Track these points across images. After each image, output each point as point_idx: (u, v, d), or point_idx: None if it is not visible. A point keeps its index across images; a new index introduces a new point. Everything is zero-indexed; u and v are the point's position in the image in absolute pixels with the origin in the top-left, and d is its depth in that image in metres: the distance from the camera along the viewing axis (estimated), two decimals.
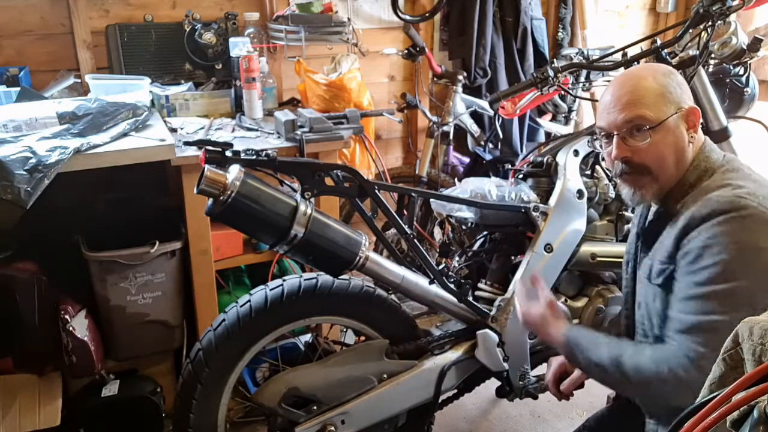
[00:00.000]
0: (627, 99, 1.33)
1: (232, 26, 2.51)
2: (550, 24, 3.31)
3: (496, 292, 1.90)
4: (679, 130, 1.32)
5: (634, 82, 1.35)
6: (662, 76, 1.35)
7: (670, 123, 1.31)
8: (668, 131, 1.31)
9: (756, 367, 0.72)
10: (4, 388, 1.97)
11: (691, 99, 1.36)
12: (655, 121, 1.30)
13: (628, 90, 1.34)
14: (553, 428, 2.33)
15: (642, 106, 1.31)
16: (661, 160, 1.33)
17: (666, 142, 1.32)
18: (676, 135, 1.32)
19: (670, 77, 1.35)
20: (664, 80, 1.34)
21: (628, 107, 1.32)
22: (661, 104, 1.31)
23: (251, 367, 2.15)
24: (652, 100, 1.31)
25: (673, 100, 1.32)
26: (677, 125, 1.32)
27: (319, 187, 1.57)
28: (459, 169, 3.04)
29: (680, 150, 1.33)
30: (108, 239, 2.01)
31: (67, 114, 1.97)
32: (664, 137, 1.31)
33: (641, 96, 1.32)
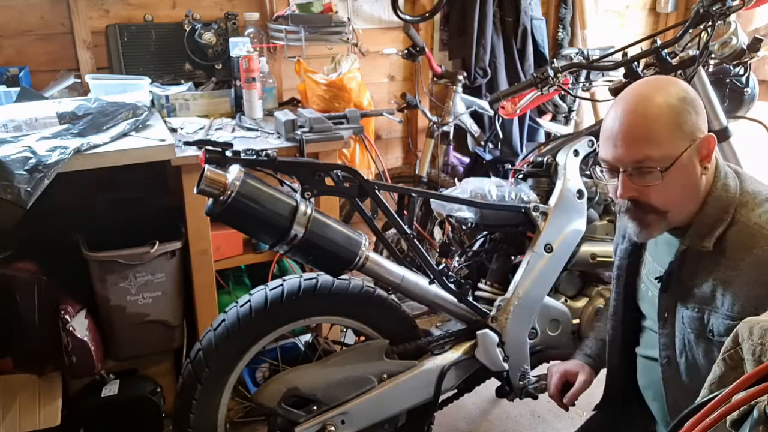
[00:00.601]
0: (635, 134, 1.18)
1: (232, 26, 2.51)
2: (550, 24, 3.31)
3: (496, 292, 1.90)
4: (692, 164, 1.19)
5: (644, 110, 1.18)
6: (677, 99, 1.18)
7: (683, 160, 1.17)
8: (681, 168, 1.18)
9: (756, 367, 0.72)
10: (4, 388, 1.97)
11: (705, 123, 1.22)
12: (667, 162, 1.16)
13: (638, 123, 1.18)
14: (553, 428, 2.33)
15: (652, 144, 1.16)
16: (670, 201, 1.21)
17: (677, 183, 1.19)
18: (688, 171, 1.19)
19: (685, 101, 1.19)
20: (678, 105, 1.18)
21: (636, 145, 1.18)
22: (675, 139, 1.17)
23: (251, 367, 2.15)
24: (664, 136, 1.16)
25: (686, 132, 1.18)
26: (690, 160, 1.19)
27: (319, 187, 1.57)
28: (459, 169, 3.04)
29: (693, 186, 1.21)
30: (108, 239, 2.01)
31: (67, 114, 1.97)
32: (675, 177, 1.18)
33: (652, 131, 1.17)
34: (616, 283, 1.52)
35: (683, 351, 1.29)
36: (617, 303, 1.52)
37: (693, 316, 1.25)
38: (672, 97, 1.19)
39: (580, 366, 1.66)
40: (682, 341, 1.29)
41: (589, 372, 1.64)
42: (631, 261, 1.47)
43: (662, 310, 1.33)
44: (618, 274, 1.51)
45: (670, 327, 1.32)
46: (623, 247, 1.49)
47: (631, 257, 1.48)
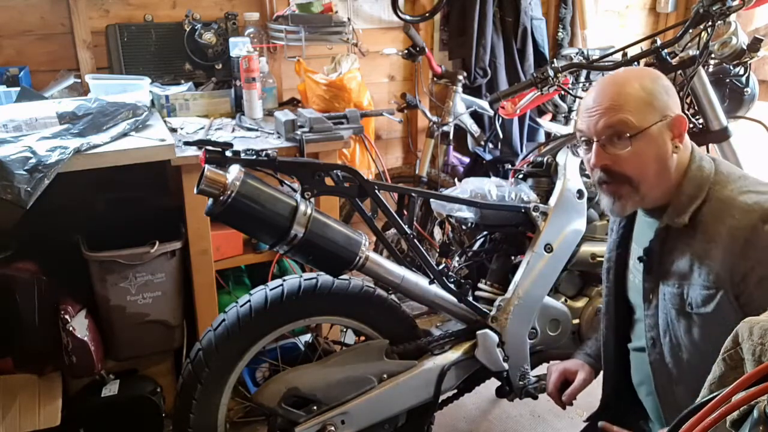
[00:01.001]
0: (609, 104, 1.26)
1: (232, 26, 2.51)
2: (550, 24, 3.31)
3: (496, 292, 1.90)
4: (662, 139, 1.26)
5: (617, 86, 1.28)
6: (649, 81, 1.28)
7: (653, 131, 1.25)
8: (651, 140, 1.25)
9: (756, 367, 0.72)
10: (4, 388, 1.97)
11: (678, 106, 1.30)
12: (637, 128, 1.24)
13: (611, 94, 1.27)
14: (553, 428, 2.33)
15: (624, 111, 1.24)
16: (641, 170, 1.27)
17: (648, 152, 1.26)
18: (658, 144, 1.26)
19: (656, 83, 1.29)
20: (651, 86, 1.27)
21: (609, 112, 1.26)
22: (645, 111, 1.25)
23: (251, 367, 2.15)
24: (635, 106, 1.25)
25: (658, 108, 1.26)
26: (661, 134, 1.26)
27: (319, 187, 1.57)
28: (459, 169, 3.04)
29: (663, 160, 1.27)
30: (108, 239, 2.01)
31: (67, 114, 1.97)
32: (646, 146, 1.25)
33: (624, 101, 1.25)
34: (606, 277, 1.53)
35: (666, 330, 1.33)
36: (609, 299, 1.54)
37: (674, 293, 1.30)
38: (644, 78, 1.29)
39: (580, 365, 1.66)
40: (665, 321, 1.33)
41: (588, 371, 1.64)
42: (620, 253, 1.49)
43: (647, 291, 1.37)
44: (608, 267, 1.53)
45: (654, 308, 1.36)
46: (611, 240, 1.52)
47: (620, 249, 1.49)
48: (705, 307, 1.24)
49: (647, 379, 1.43)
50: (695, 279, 1.25)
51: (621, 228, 1.49)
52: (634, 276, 1.45)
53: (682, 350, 1.30)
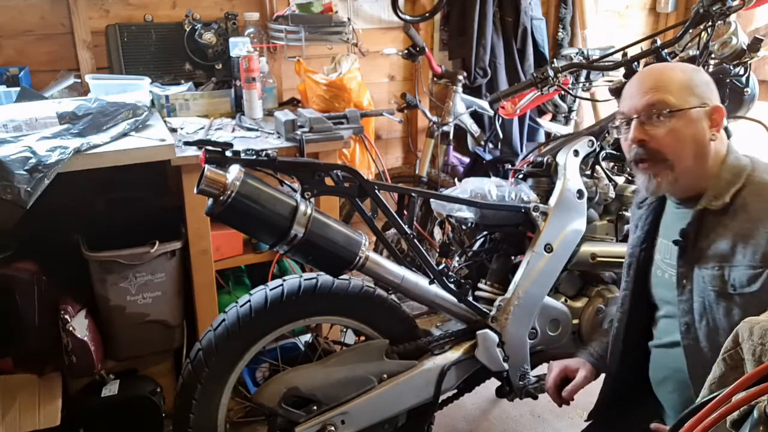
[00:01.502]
0: (651, 84, 1.33)
1: (232, 26, 2.51)
2: (550, 24, 3.31)
3: (496, 292, 1.90)
4: (700, 124, 1.31)
5: (661, 70, 1.37)
6: (691, 70, 1.36)
7: (692, 114, 1.30)
8: (689, 121, 1.30)
9: (756, 367, 0.72)
10: (4, 388, 1.97)
11: (718, 100, 1.35)
12: (676, 107, 1.29)
13: (654, 77, 1.34)
14: (553, 428, 2.33)
15: (665, 91, 1.30)
16: (678, 149, 1.30)
17: (685, 132, 1.30)
18: (696, 127, 1.30)
19: (698, 73, 1.36)
20: (692, 74, 1.34)
21: (651, 91, 1.31)
22: (686, 94, 1.30)
23: (251, 367, 2.15)
24: (677, 88, 1.31)
25: (698, 94, 1.31)
26: (699, 119, 1.30)
27: (319, 187, 1.57)
28: (459, 169, 3.04)
29: (700, 143, 1.31)
30: (108, 239, 2.01)
31: (67, 114, 1.97)
32: (684, 126, 1.30)
33: (666, 83, 1.31)
34: (627, 272, 1.53)
35: (703, 315, 1.32)
36: (626, 293, 1.53)
37: (713, 275, 1.30)
38: (687, 68, 1.38)
39: (581, 363, 1.65)
40: (702, 304, 1.32)
41: (590, 369, 1.64)
42: (644, 248, 1.48)
43: (680, 277, 1.36)
44: (629, 263, 1.52)
45: (688, 293, 1.35)
46: (635, 236, 1.51)
47: (644, 244, 1.48)
48: (750, 287, 1.24)
49: (673, 373, 1.41)
50: (738, 260, 1.26)
51: (647, 224, 1.49)
52: (662, 271, 1.44)
53: (720, 333, 1.29)
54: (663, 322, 1.46)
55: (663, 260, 1.44)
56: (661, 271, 1.45)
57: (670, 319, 1.43)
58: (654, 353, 1.50)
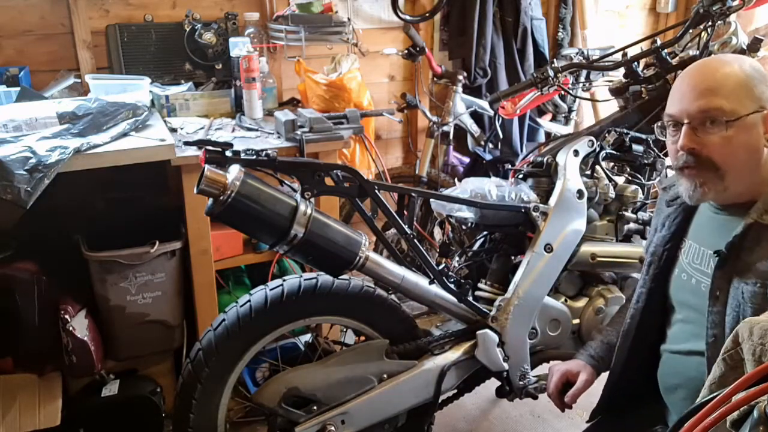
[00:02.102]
0: (706, 86, 1.21)
1: (232, 26, 2.51)
2: (550, 24, 3.31)
3: (496, 292, 1.90)
4: (756, 130, 1.20)
5: (717, 66, 1.22)
6: (750, 67, 1.22)
7: (748, 120, 1.19)
8: (745, 129, 1.19)
9: (756, 367, 0.72)
10: (4, 388, 1.97)
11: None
12: (733, 115, 1.18)
13: (709, 76, 1.21)
14: (553, 428, 2.33)
15: (721, 95, 1.19)
16: (731, 158, 1.21)
17: (740, 140, 1.20)
18: (752, 135, 1.20)
19: (758, 70, 1.22)
20: (752, 72, 1.21)
21: (705, 95, 1.20)
22: (744, 97, 1.19)
23: (251, 367, 2.15)
24: (733, 91, 1.19)
25: (756, 97, 1.20)
26: (755, 125, 1.20)
27: (319, 187, 1.57)
28: (459, 169, 3.04)
29: (754, 151, 1.21)
30: (108, 239, 2.01)
31: (67, 114, 1.97)
32: (738, 134, 1.19)
33: (722, 84, 1.20)
34: (646, 270, 1.47)
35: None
36: (642, 291, 1.47)
37: (755, 291, 1.22)
38: (745, 63, 1.22)
39: (582, 366, 1.65)
40: (735, 319, 1.25)
41: (590, 372, 1.63)
42: (668, 248, 1.42)
43: (715, 288, 1.29)
44: (650, 262, 1.46)
45: (721, 306, 1.28)
46: (660, 235, 1.45)
47: (669, 244, 1.43)
48: None
49: (688, 382, 1.36)
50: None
51: (674, 224, 1.42)
52: (688, 275, 1.38)
53: None
54: (679, 327, 1.42)
55: (691, 264, 1.38)
56: (686, 274, 1.39)
57: (688, 324, 1.38)
58: (667, 358, 1.45)
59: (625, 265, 1.94)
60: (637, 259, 1.88)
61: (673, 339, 1.44)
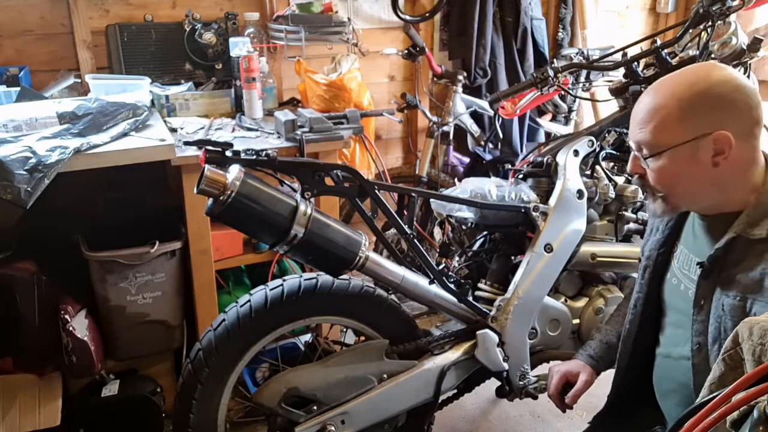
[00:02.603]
0: (641, 116, 1.25)
1: (232, 26, 2.51)
2: (550, 24, 3.31)
3: (496, 292, 1.90)
4: (693, 157, 1.20)
5: (656, 97, 1.24)
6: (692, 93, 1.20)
7: (677, 151, 1.21)
8: (673, 159, 1.22)
9: (756, 367, 0.72)
10: (4, 388, 1.97)
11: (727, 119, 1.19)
12: (654, 150, 1.23)
13: (648, 106, 1.24)
14: (553, 428, 2.33)
15: (651, 129, 1.23)
16: (668, 185, 1.25)
17: (673, 169, 1.22)
18: (686, 162, 1.21)
19: (705, 96, 1.19)
20: (695, 99, 1.19)
21: (640, 125, 1.25)
22: (677, 128, 1.20)
23: (251, 367, 2.15)
24: (665, 123, 1.21)
25: (693, 126, 1.19)
26: (692, 153, 1.20)
27: (319, 187, 1.57)
28: (459, 169, 3.04)
29: (695, 178, 1.22)
30: (108, 239, 2.01)
31: (67, 114, 1.97)
32: (671, 163, 1.22)
33: (652, 117, 1.23)
34: (642, 275, 1.49)
35: (717, 339, 1.27)
36: (640, 296, 1.49)
37: (734, 304, 1.23)
38: (695, 88, 1.20)
39: (581, 366, 1.65)
40: (717, 329, 1.26)
41: (590, 372, 1.63)
42: (662, 253, 1.44)
43: (699, 297, 1.31)
44: (645, 266, 1.48)
45: (704, 315, 1.29)
46: (655, 239, 1.46)
47: (662, 248, 1.44)
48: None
49: (680, 387, 1.38)
50: (765, 295, 1.18)
51: (667, 228, 1.44)
52: (678, 280, 1.39)
53: None
54: (671, 331, 1.43)
55: (681, 269, 1.39)
56: (676, 279, 1.40)
57: (679, 329, 1.39)
58: (660, 362, 1.47)
59: (625, 265, 1.94)
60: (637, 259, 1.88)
61: (666, 343, 1.45)
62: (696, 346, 1.32)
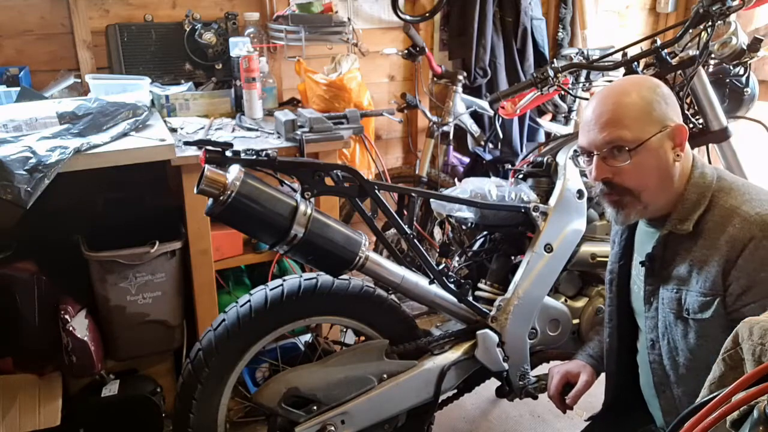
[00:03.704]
0: (607, 118, 1.27)
1: (232, 26, 2.51)
2: (550, 24, 3.31)
3: (496, 292, 1.90)
4: (663, 149, 1.26)
5: (616, 98, 1.28)
6: (647, 91, 1.28)
7: (652, 143, 1.25)
8: (650, 152, 1.26)
9: (756, 367, 0.72)
10: (4, 388, 1.97)
11: (679, 115, 1.30)
12: (635, 142, 1.25)
13: (609, 108, 1.28)
14: (553, 428, 2.33)
15: (622, 126, 1.25)
16: (642, 182, 1.28)
17: (647, 163, 1.26)
18: (659, 155, 1.26)
19: (655, 92, 1.28)
20: (650, 96, 1.27)
21: (607, 127, 1.26)
22: (644, 123, 1.25)
23: (251, 367, 2.15)
24: (633, 120, 1.25)
25: (656, 119, 1.26)
26: (661, 144, 1.26)
27: (319, 187, 1.57)
28: (459, 169, 3.04)
29: (664, 170, 1.28)
30: (108, 239, 2.01)
31: (67, 114, 1.97)
32: (645, 158, 1.26)
33: (622, 115, 1.26)
34: (610, 288, 1.55)
35: (665, 333, 1.34)
36: (612, 309, 1.55)
37: (672, 297, 1.31)
38: (643, 88, 1.29)
39: (581, 366, 1.66)
40: (663, 324, 1.34)
41: (590, 372, 1.64)
42: (622, 264, 1.50)
43: (647, 294, 1.38)
44: (611, 279, 1.54)
45: (654, 311, 1.37)
46: (614, 252, 1.53)
47: (622, 260, 1.50)
48: (702, 314, 1.25)
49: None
50: (693, 285, 1.26)
51: (623, 240, 1.50)
52: (638, 287, 1.44)
53: (679, 354, 1.31)
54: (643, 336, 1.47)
55: (638, 276, 1.44)
56: (637, 287, 1.45)
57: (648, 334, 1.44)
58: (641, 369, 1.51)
59: None
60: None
61: (642, 350, 1.49)
62: (650, 343, 1.38)
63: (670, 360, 1.33)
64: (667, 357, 1.34)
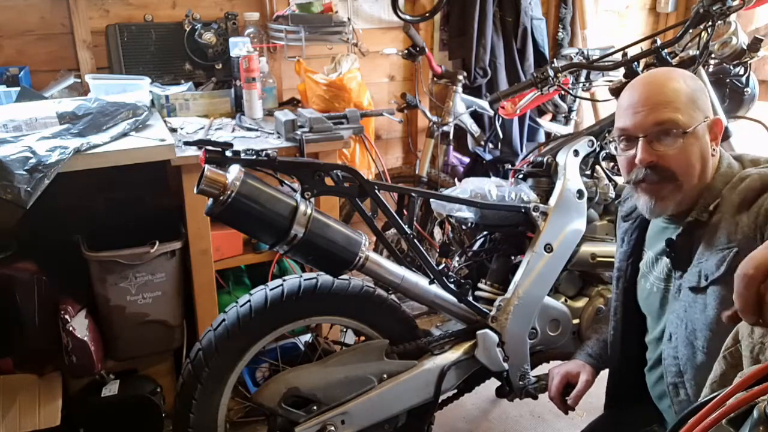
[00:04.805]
0: (658, 99, 1.24)
1: (232, 26, 2.51)
2: (550, 24, 3.31)
3: (496, 292, 1.90)
4: (704, 138, 1.25)
5: (665, 82, 1.26)
6: (691, 80, 1.28)
7: (699, 130, 1.24)
8: (697, 139, 1.24)
9: (753, 364, 0.72)
10: (4, 388, 1.97)
11: (711, 110, 1.30)
12: (687, 126, 1.23)
13: (660, 90, 1.25)
14: (553, 428, 2.33)
15: (674, 109, 1.23)
16: (688, 167, 1.25)
17: (694, 149, 1.24)
18: (702, 143, 1.25)
19: (698, 83, 1.28)
20: (694, 85, 1.27)
21: (659, 108, 1.23)
22: (692, 110, 1.24)
23: (251, 367, 2.15)
24: (684, 104, 1.23)
25: (701, 108, 1.26)
26: (704, 134, 1.25)
27: (319, 187, 1.57)
28: (459, 169, 3.04)
29: (705, 160, 1.26)
30: (108, 239, 2.01)
31: (67, 114, 1.97)
32: (692, 144, 1.24)
33: (673, 98, 1.24)
34: (616, 285, 1.54)
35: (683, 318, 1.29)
36: (617, 304, 1.54)
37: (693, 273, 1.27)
38: (687, 77, 1.29)
39: (581, 366, 1.66)
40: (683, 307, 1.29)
41: (590, 372, 1.64)
42: (631, 263, 1.49)
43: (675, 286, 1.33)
44: (618, 276, 1.53)
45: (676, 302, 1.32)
46: (622, 250, 1.51)
47: (631, 258, 1.49)
48: (717, 271, 1.20)
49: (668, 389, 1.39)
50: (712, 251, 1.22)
51: (632, 238, 1.48)
52: (651, 284, 1.42)
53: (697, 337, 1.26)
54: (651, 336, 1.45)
55: (650, 271, 1.43)
56: (650, 284, 1.44)
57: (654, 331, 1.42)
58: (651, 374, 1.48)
59: None
60: None
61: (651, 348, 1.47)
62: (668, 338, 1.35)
63: (688, 348, 1.27)
64: (684, 345, 1.28)
